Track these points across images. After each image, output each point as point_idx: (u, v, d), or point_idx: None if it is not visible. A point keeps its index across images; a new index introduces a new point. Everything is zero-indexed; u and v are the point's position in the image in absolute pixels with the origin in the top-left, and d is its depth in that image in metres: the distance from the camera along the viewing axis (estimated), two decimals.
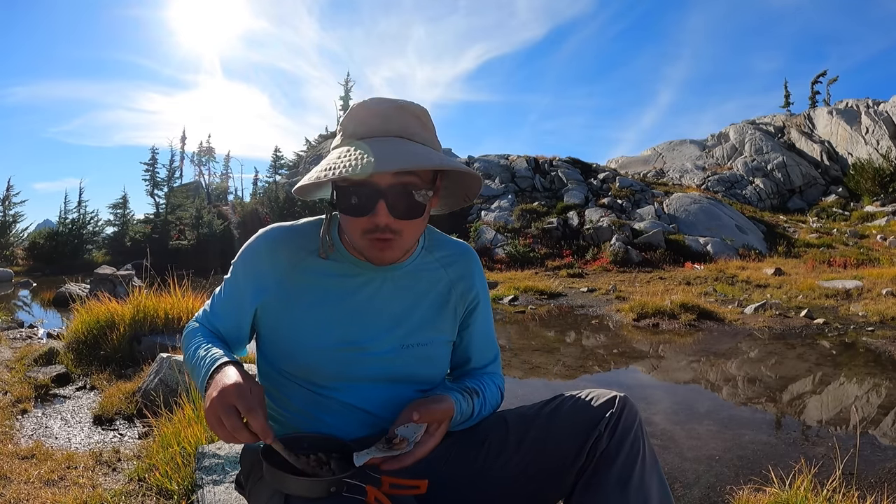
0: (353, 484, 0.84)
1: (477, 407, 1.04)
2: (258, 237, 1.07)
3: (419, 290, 1.05)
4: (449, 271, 1.09)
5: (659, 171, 27.33)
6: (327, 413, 1.01)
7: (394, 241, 0.93)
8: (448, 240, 1.14)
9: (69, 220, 24.17)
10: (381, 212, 0.89)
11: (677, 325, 6.94)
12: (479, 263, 1.15)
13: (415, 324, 1.03)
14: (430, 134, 0.96)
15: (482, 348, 1.14)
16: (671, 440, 3.09)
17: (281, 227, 1.08)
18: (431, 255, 1.08)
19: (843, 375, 4.77)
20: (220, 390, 0.83)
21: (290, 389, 1.03)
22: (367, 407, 1.01)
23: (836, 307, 7.90)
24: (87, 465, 2.26)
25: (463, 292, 1.09)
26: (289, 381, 1.02)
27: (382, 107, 0.93)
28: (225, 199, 32.73)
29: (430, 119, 0.97)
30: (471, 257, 1.14)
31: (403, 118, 0.93)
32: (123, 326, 4.01)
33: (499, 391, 1.14)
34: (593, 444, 0.91)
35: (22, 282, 15.24)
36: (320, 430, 0.99)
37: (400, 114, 0.93)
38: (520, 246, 15.16)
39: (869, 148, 24.12)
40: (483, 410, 1.06)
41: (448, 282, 1.08)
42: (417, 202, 0.92)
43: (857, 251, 13.72)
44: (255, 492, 0.99)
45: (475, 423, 1.07)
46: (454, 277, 1.09)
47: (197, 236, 21.89)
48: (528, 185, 20.70)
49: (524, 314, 8.29)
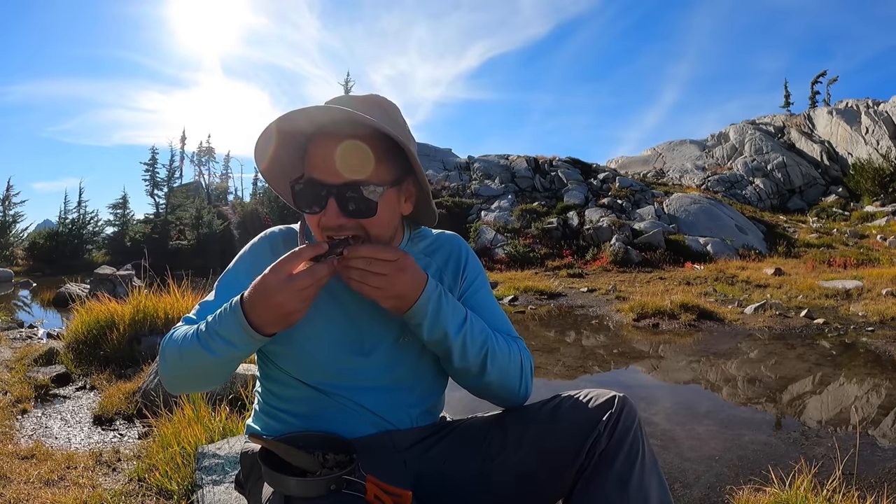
0: (352, 481, 0.84)
1: (474, 321, 0.98)
2: (261, 237, 1.09)
3: None
4: (435, 258, 1.09)
5: (659, 171, 27.32)
6: (328, 410, 1.01)
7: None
8: (431, 231, 1.14)
9: (69, 220, 24.16)
10: (331, 209, 0.91)
11: (677, 326, 6.93)
12: (465, 246, 1.14)
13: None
14: (391, 120, 0.96)
15: (484, 318, 1.05)
16: (671, 440, 3.09)
17: (281, 229, 1.10)
18: (416, 246, 1.09)
19: (843, 375, 4.76)
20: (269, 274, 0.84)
21: (291, 388, 1.03)
22: (367, 404, 1.01)
23: (836, 307, 7.89)
24: (87, 465, 2.26)
25: (454, 273, 1.09)
26: (289, 379, 1.02)
27: (345, 97, 0.95)
28: (225, 199, 32.71)
29: (398, 111, 0.99)
30: (455, 241, 1.14)
31: (364, 105, 0.94)
32: (123, 326, 4.01)
33: (518, 349, 1.04)
34: (593, 443, 0.91)
35: (22, 282, 15.23)
36: (322, 428, 0.99)
37: (362, 102, 0.95)
38: (520, 246, 15.15)
39: (869, 148, 24.11)
40: (490, 347, 0.98)
41: (436, 268, 1.08)
42: (368, 199, 0.91)
43: (857, 251, 13.71)
44: (254, 492, 0.99)
45: (482, 354, 0.97)
46: (441, 263, 1.09)
47: (197, 236, 21.87)
48: (528, 185, 20.70)
49: (524, 314, 8.29)
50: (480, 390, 1.03)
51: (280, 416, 1.05)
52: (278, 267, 0.84)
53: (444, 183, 21.25)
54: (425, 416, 1.08)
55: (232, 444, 1.94)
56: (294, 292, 0.83)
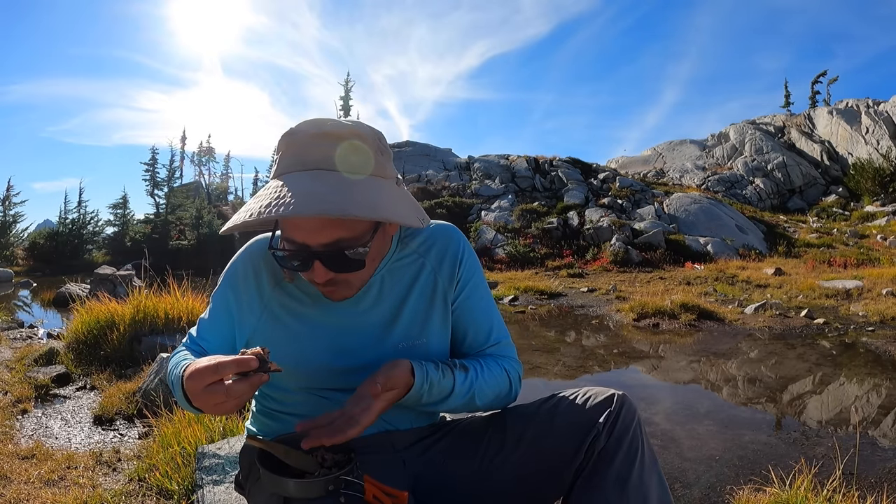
0: (350, 481, 0.84)
1: (461, 382, 0.96)
2: (240, 256, 1.06)
3: (403, 286, 1.02)
4: (429, 257, 1.04)
5: (659, 171, 27.31)
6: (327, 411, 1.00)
7: (343, 287, 0.93)
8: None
9: (69, 220, 24.17)
10: (317, 270, 0.87)
11: (677, 325, 6.93)
12: (461, 239, 1.07)
13: (406, 322, 1.01)
14: (362, 157, 0.86)
15: (478, 323, 1.06)
16: (671, 440, 3.09)
17: (264, 241, 1.05)
18: (408, 247, 1.04)
19: (844, 375, 4.76)
20: (188, 380, 0.80)
21: (288, 392, 1.03)
22: None
23: (837, 307, 7.89)
24: (87, 465, 2.26)
25: (449, 273, 1.04)
26: (286, 384, 1.02)
27: (307, 133, 0.85)
28: (225, 199, 32.73)
29: (369, 139, 0.87)
30: (449, 233, 1.07)
31: (329, 144, 0.85)
32: (123, 326, 4.01)
33: (505, 374, 1.03)
34: (592, 442, 0.91)
35: (22, 282, 15.23)
36: None
37: (324, 140, 0.85)
38: (520, 246, 15.15)
39: (869, 148, 24.10)
40: (477, 389, 0.97)
41: (431, 269, 1.04)
42: (354, 259, 0.88)
43: (857, 251, 13.71)
44: (254, 492, 0.99)
45: (469, 402, 0.97)
46: (436, 262, 1.04)
47: (197, 236, 21.87)
48: (528, 185, 20.70)
49: (524, 314, 8.28)
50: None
51: (279, 417, 1.05)
52: (197, 374, 0.77)
53: (444, 183, 21.25)
54: (424, 416, 1.08)
55: (232, 444, 1.94)
56: (210, 405, 0.78)
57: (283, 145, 0.88)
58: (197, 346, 1.04)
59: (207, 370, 0.77)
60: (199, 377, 0.77)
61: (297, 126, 0.88)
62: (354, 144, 0.86)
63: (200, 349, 1.03)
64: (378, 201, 0.84)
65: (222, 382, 0.77)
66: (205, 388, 0.77)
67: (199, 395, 0.78)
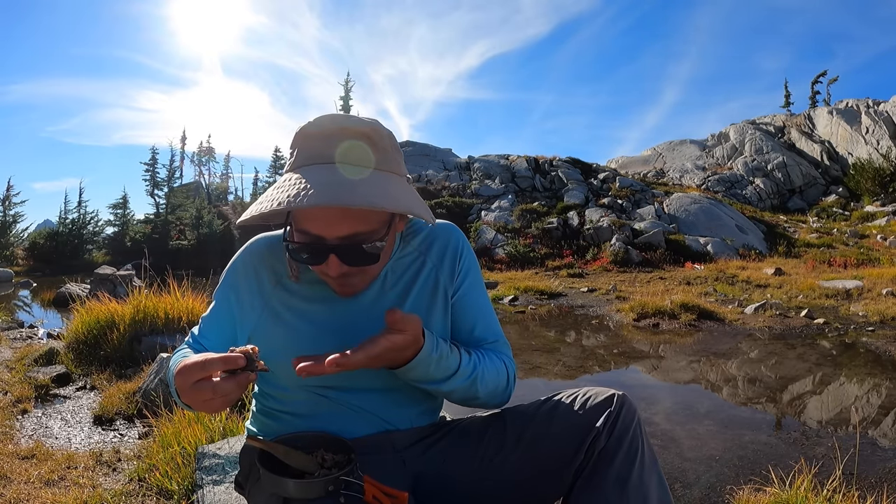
0: (350, 482, 0.84)
1: (466, 363, 0.96)
2: (240, 254, 1.07)
3: (405, 283, 1.03)
4: (431, 254, 1.05)
5: (659, 171, 27.32)
6: (327, 411, 1.00)
7: (355, 281, 0.93)
8: (424, 223, 1.08)
9: (69, 220, 24.18)
10: (332, 264, 0.88)
11: (677, 325, 6.93)
12: (461, 237, 1.08)
13: None
14: (381, 154, 0.88)
15: (475, 319, 1.06)
16: (671, 440, 3.09)
17: (264, 239, 1.06)
18: (409, 244, 1.05)
19: (844, 375, 4.76)
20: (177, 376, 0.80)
21: (288, 391, 1.02)
22: (366, 406, 1.01)
23: (837, 307, 7.89)
24: (87, 465, 2.26)
25: (449, 270, 1.05)
26: (286, 383, 1.02)
27: (326, 128, 0.87)
28: (225, 199, 32.72)
29: (386, 137, 0.89)
30: (450, 231, 1.08)
31: (348, 140, 0.86)
32: (123, 326, 4.01)
33: (504, 368, 1.03)
34: (592, 442, 0.91)
35: (22, 282, 15.23)
36: (321, 428, 0.99)
37: (344, 135, 0.86)
38: (520, 246, 15.15)
39: (869, 148, 24.10)
40: (480, 374, 0.97)
41: (432, 266, 1.04)
42: (370, 253, 0.89)
43: (857, 251, 13.71)
44: (254, 492, 0.99)
45: (470, 387, 0.97)
46: (436, 260, 1.05)
47: (197, 236, 21.88)
48: (528, 185, 20.71)
49: (524, 314, 8.28)
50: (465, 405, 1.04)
51: (278, 417, 1.05)
52: (185, 370, 0.78)
53: (444, 183, 21.25)
54: (424, 416, 1.08)
55: (232, 444, 1.94)
56: (198, 402, 0.79)
57: (302, 139, 0.89)
58: (198, 345, 1.04)
59: (195, 366, 0.78)
60: (187, 373, 0.78)
61: (315, 120, 0.88)
62: (373, 140, 0.88)
63: (202, 347, 1.03)
64: (398, 195, 0.86)
65: (210, 379, 0.78)
66: (192, 385, 0.78)
67: (188, 392, 0.79)
